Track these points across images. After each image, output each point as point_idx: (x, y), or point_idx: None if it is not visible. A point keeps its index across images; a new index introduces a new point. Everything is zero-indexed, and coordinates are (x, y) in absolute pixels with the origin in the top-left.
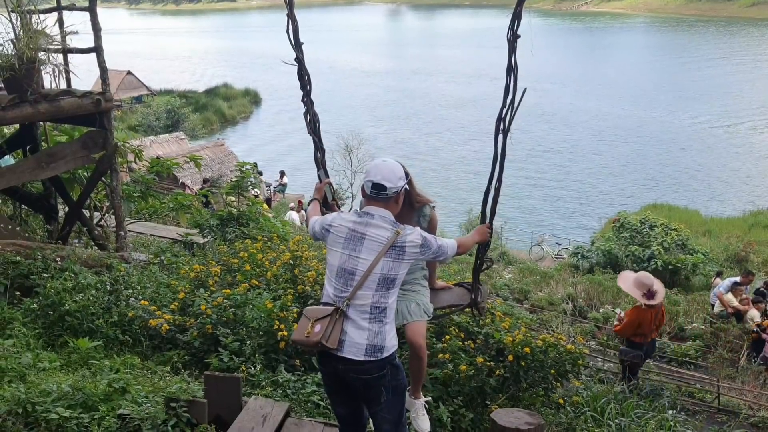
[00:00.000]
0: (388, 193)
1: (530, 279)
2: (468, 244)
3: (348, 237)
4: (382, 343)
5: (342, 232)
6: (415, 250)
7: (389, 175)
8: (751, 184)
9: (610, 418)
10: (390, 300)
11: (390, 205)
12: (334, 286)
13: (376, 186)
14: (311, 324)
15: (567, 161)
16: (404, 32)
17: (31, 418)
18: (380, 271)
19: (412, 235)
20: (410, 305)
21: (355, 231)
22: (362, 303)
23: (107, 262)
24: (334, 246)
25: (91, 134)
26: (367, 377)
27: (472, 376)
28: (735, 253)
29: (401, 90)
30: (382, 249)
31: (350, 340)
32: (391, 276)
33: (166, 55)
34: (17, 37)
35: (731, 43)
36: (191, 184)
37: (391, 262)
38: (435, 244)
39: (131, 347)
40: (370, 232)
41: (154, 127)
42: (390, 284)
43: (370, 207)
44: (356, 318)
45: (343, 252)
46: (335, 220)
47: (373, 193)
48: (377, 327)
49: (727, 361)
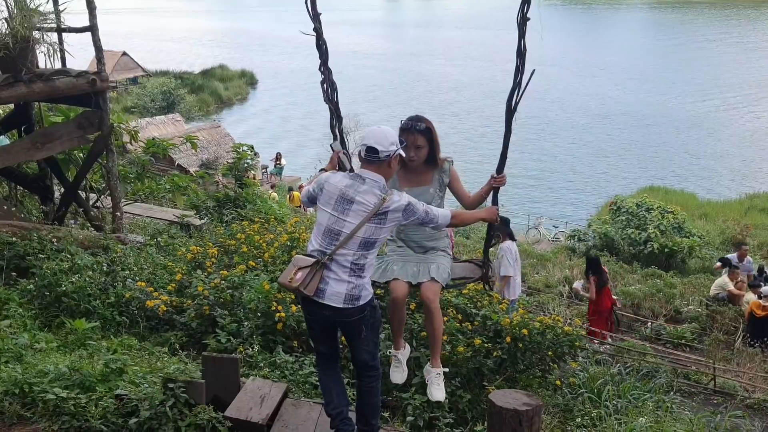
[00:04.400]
0: (380, 155)
1: (527, 262)
2: (468, 218)
3: (338, 199)
4: (359, 293)
5: (334, 192)
6: (397, 215)
7: (382, 139)
8: (748, 167)
9: (607, 399)
10: (369, 258)
11: (382, 168)
12: (320, 242)
13: (370, 149)
14: (294, 271)
15: (564, 144)
16: (403, 13)
17: (28, 398)
18: (362, 234)
19: (398, 202)
20: (431, 266)
21: (346, 194)
22: (343, 260)
23: (104, 244)
24: (325, 206)
25: (86, 114)
26: (349, 319)
27: (469, 358)
28: (731, 237)
29: (400, 72)
30: (368, 215)
31: (331, 290)
32: (372, 239)
33: (162, 36)
34: (11, 16)
35: (731, 26)
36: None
37: (374, 228)
38: (421, 209)
39: (128, 328)
40: (359, 197)
41: (150, 109)
42: (370, 246)
43: (363, 170)
44: (337, 271)
45: (332, 213)
46: (329, 179)
47: (366, 156)
48: (356, 280)
49: (723, 343)
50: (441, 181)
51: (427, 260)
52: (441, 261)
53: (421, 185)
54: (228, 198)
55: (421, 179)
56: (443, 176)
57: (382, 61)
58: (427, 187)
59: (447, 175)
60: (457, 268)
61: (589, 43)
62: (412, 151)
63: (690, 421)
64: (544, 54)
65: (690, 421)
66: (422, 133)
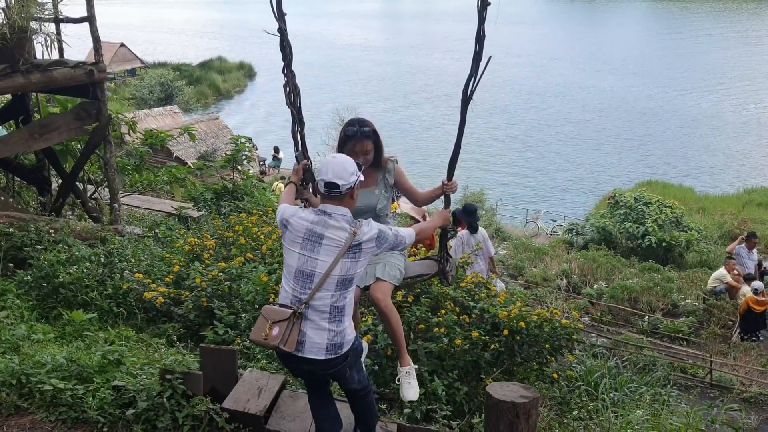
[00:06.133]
0: (341, 190)
1: (525, 255)
2: (428, 230)
3: (306, 237)
4: (342, 340)
5: (300, 231)
6: (371, 246)
7: (341, 172)
8: (746, 162)
9: (604, 392)
10: (348, 298)
11: (345, 201)
12: (293, 288)
13: (329, 184)
14: (269, 326)
15: (563, 138)
16: (401, 5)
17: (25, 389)
18: (338, 273)
19: (369, 233)
20: (377, 266)
21: (314, 231)
22: (321, 304)
23: (101, 235)
24: (292, 246)
25: (84, 105)
26: (332, 370)
27: (467, 350)
28: (729, 231)
29: (398, 65)
30: (341, 251)
31: (310, 341)
32: (349, 276)
33: (161, 28)
34: (8, 6)
35: (731, 20)
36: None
37: (349, 263)
38: (391, 234)
39: (126, 320)
40: (328, 233)
41: (148, 101)
42: (348, 284)
43: (326, 205)
44: (315, 319)
45: (301, 253)
46: (293, 218)
47: (327, 192)
48: (336, 326)
49: (720, 337)
50: (386, 181)
51: (375, 260)
52: (389, 260)
53: (366, 187)
54: (226, 190)
55: (366, 182)
56: (388, 176)
57: (379, 53)
58: (372, 188)
59: (392, 175)
60: (413, 265)
61: (589, 37)
62: (360, 158)
63: (686, 415)
64: (544, 48)
65: (686, 415)
66: (369, 137)
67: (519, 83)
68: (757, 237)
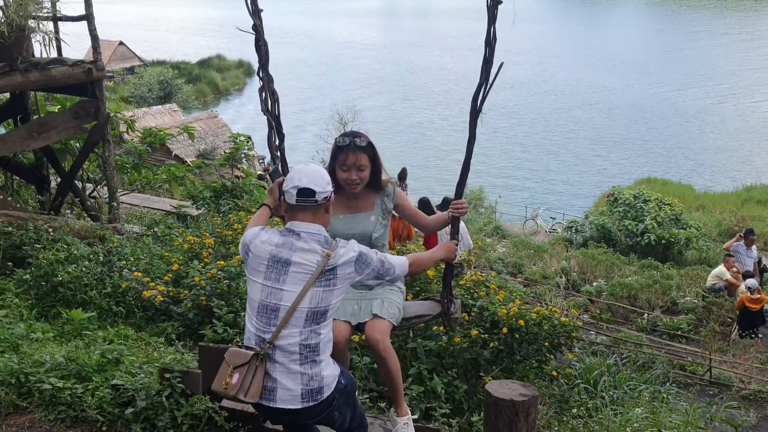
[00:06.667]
0: (317, 198)
1: (524, 253)
2: (425, 263)
3: (270, 263)
4: (320, 384)
5: (262, 257)
6: (349, 271)
7: (317, 178)
8: (746, 159)
9: (603, 390)
10: (323, 333)
11: (319, 215)
12: (256, 326)
13: (303, 192)
14: (230, 372)
15: (562, 135)
16: (401, 2)
17: (24, 388)
18: (308, 305)
19: (347, 255)
20: (374, 302)
21: (278, 256)
22: (288, 344)
23: (100, 234)
24: (255, 275)
25: (82, 104)
26: (314, 419)
27: (466, 348)
28: (728, 228)
29: (397, 63)
30: (311, 278)
31: (282, 388)
32: (321, 309)
33: (159, 26)
34: (6, 4)
35: (731, 18)
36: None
37: (321, 292)
38: (375, 258)
39: (125, 318)
40: (296, 258)
41: (147, 99)
42: (321, 318)
43: (295, 222)
44: (284, 361)
45: (264, 284)
46: (255, 241)
47: (299, 201)
48: (311, 368)
49: (719, 334)
50: (384, 206)
51: (371, 296)
52: (388, 296)
53: (360, 211)
54: (225, 188)
55: (360, 205)
56: (386, 200)
57: (379, 51)
58: (368, 214)
59: (391, 198)
60: (412, 305)
61: (588, 34)
62: (353, 174)
63: (686, 412)
64: (544, 46)
65: (686, 412)
66: (364, 150)
67: (518, 81)
68: (755, 234)
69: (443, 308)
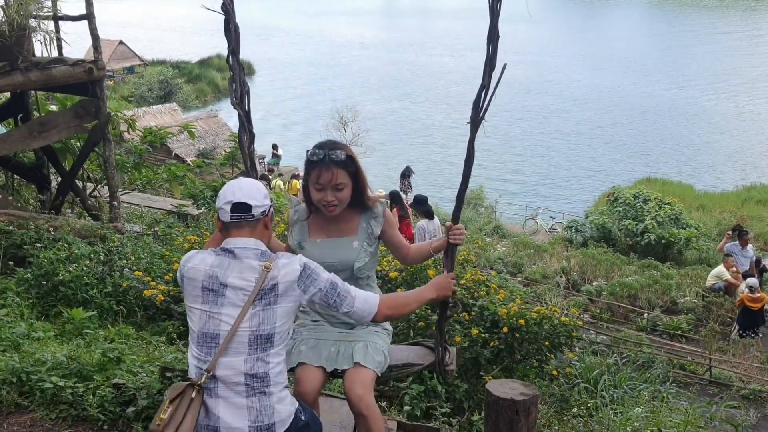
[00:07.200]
0: (254, 213)
1: (524, 252)
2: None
3: (206, 287)
4: (271, 419)
5: (197, 279)
6: (292, 286)
7: (253, 191)
8: (746, 159)
9: (603, 389)
10: (272, 361)
11: (257, 231)
12: (196, 356)
13: (238, 207)
14: (165, 406)
15: (562, 135)
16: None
17: (25, 387)
18: (248, 327)
19: (288, 266)
20: (356, 346)
21: (214, 278)
22: (231, 374)
23: (101, 233)
24: (192, 302)
25: (83, 103)
26: None
27: (466, 348)
28: (728, 228)
29: (398, 62)
30: (249, 297)
31: (227, 426)
32: (265, 332)
33: (159, 25)
34: (7, 3)
35: (731, 18)
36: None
37: (262, 314)
38: (324, 278)
39: (126, 318)
40: (232, 279)
41: (147, 98)
42: (267, 343)
43: (231, 239)
44: (227, 395)
45: (202, 309)
46: (187, 264)
47: (233, 218)
48: (259, 401)
49: (719, 334)
50: (370, 230)
51: (352, 338)
52: (373, 339)
53: (341, 235)
54: None
55: (341, 228)
56: (373, 223)
57: (380, 51)
58: (350, 239)
59: (379, 221)
60: (399, 350)
61: (588, 34)
62: (329, 194)
63: (686, 412)
64: (544, 45)
65: (686, 412)
66: (342, 166)
67: (518, 80)
68: (747, 233)
69: (437, 357)
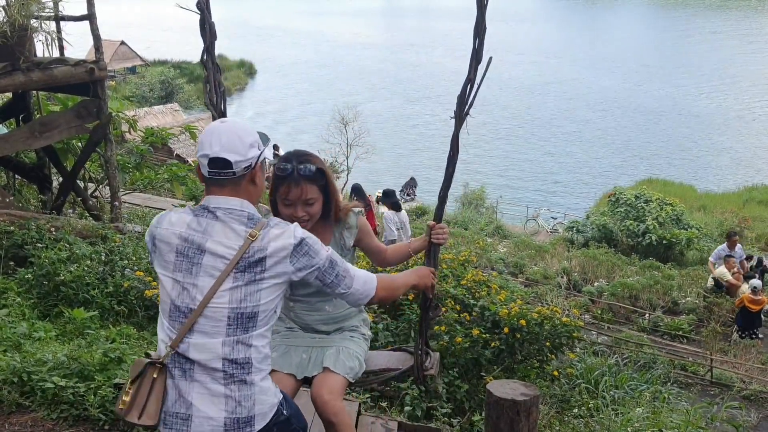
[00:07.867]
0: (235, 170)
1: (525, 253)
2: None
3: (180, 251)
4: (250, 411)
5: (172, 244)
6: (281, 261)
7: (234, 142)
8: (747, 159)
9: (604, 390)
10: (256, 344)
11: (241, 189)
12: (167, 332)
13: (215, 162)
14: (128, 387)
15: (564, 136)
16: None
17: (26, 387)
18: (227, 303)
19: (280, 237)
20: (327, 352)
21: (190, 241)
22: (207, 356)
23: (102, 233)
24: (163, 269)
25: (84, 103)
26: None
27: (467, 348)
28: (729, 228)
29: (398, 63)
30: (227, 267)
31: (200, 416)
32: (248, 310)
33: (161, 25)
34: (9, 4)
35: (734, 19)
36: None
37: (244, 288)
38: (324, 255)
39: (127, 318)
40: (212, 244)
41: (148, 98)
42: (250, 324)
43: (210, 197)
44: (204, 380)
45: (175, 278)
46: (161, 224)
47: (212, 174)
48: (239, 390)
49: (720, 334)
50: (342, 242)
51: (325, 343)
52: (346, 345)
53: None
54: None
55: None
56: (346, 234)
57: (380, 51)
58: None
59: (352, 232)
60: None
61: (590, 34)
62: (299, 210)
63: (687, 412)
64: (545, 46)
65: (687, 412)
66: (312, 179)
67: (519, 81)
68: (736, 235)
69: (416, 361)
